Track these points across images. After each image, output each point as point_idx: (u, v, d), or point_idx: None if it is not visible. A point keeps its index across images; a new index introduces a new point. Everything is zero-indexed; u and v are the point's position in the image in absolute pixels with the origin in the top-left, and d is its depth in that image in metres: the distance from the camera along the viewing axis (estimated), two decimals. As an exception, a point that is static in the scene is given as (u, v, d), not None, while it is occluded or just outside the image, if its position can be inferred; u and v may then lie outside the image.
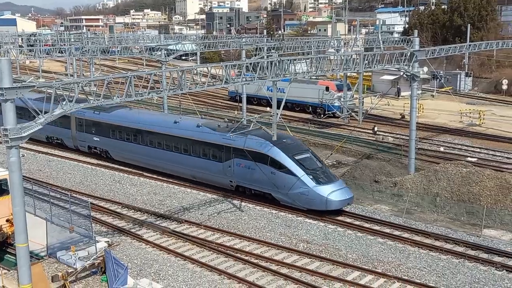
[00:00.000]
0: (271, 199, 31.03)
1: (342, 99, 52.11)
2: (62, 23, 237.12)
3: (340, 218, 28.98)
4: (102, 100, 22.83)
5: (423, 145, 42.96)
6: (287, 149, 30.89)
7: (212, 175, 33.62)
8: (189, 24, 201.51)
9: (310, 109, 57.09)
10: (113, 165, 39.92)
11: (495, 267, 23.17)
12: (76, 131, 42.96)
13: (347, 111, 49.87)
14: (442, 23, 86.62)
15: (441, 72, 72.54)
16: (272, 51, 48.73)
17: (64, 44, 68.09)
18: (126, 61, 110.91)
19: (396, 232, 27.18)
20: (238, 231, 27.60)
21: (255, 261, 24.07)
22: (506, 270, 22.89)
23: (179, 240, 26.56)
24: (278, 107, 31.61)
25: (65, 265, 22.79)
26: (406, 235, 26.93)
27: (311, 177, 29.65)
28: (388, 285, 21.79)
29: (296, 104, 58.41)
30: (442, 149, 42.30)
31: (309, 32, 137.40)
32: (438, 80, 68.60)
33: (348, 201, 29.79)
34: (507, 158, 39.16)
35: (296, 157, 30.49)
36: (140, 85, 24.61)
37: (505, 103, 63.00)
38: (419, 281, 22.12)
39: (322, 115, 53.81)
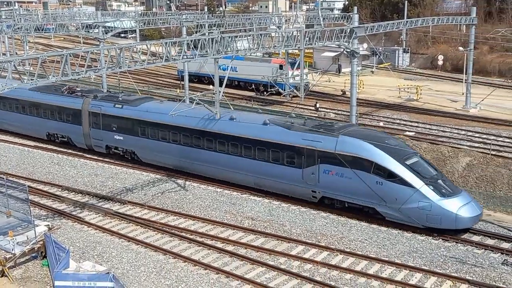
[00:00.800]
0: (373, 213, 25.73)
1: (284, 76, 52.34)
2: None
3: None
4: (37, 79, 22.11)
5: (363, 121, 43.91)
6: (394, 153, 25.28)
7: (287, 183, 27.93)
8: (127, 1, 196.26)
9: (264, 88, 56.02)
10: (51, 147, 38.74)
11: (432, 236, 24.10)
12: (90, 127, 36.29)
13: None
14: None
15: (380, 48, 73.99)
16: (214, 28, 48.22)
17: (-5, 21, 64.79)
18: (62, 39, 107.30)
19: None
20: (183, 211, 27.49)
21: (200, 239, 24.08)
22: (442, 239, 23.85)
23: (122, 221, 26.20)
24: (221, 85, 31.37)
25: (3, 251, 22.08)
26: (348, 208, 27.55)
27: (432, 188, 24.26)
28: (331, 258, 22.31)
29: (249, 83, 57.06)
30: (381, 124, 43.35)
31: (250, 8, 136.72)
32: (377, 56, 69.98)
33: (479, 217, 24.68)
34: (442, 131, 40.59)
35: (407, 162, 25.06)
36: (77, 63, 23.92)
37: (440, 78, 65.09)
38: (360, 252, 22.76)
39: (265, 92, 53.88)
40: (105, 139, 35.75)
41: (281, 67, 54.35)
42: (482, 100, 48.66)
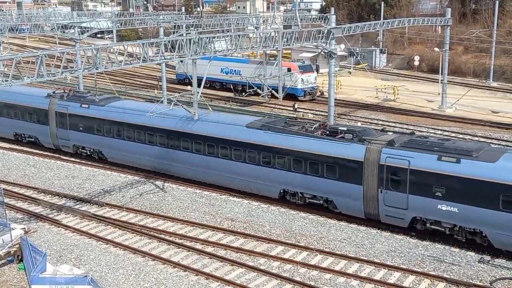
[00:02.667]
0: None
1: (262, 77, 52.31)
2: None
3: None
4: (12, 81, 21.81)
5: (341, 121, 44.17)
6: None
7: None
8: (103, 1, 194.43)
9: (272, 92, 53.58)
10: (26, 149, 38.14)
11: (410, 236, 24.32)
12: (381, 189, 24.22)
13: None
14: (357, 0, 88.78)
15: (357, 49, 74.57)
16: (191, 28, 48.01)
17: (-32, 22, 63.63)
18: (37, 39, 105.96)
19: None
20: (162, 212, 27.30)
21: (180, 241, 23.94)
22: (419, 238, 24.09)
23: (100, 223, 25.91)
24: (199, 86, 31.24)
25: (-22, 256, 21.69)
26: (327, 208, 27.64)
27: None
28: (311, 258, 22.36)
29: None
30: (359, 124, 43.65)
31: (228, 9, 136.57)
32: (354, 57, 70.52)
33: None
34: (419, 131, 41.02)
35: None
36: (52, 64, 23.63)
37: (417, 79, 65.86)
38: (340, 252, 22.86)
39: (243, 93, 53.80)
40: (414, 208, 23.73)
41: (289, 70, 52.95)
42: (458, 100, 49.38)
